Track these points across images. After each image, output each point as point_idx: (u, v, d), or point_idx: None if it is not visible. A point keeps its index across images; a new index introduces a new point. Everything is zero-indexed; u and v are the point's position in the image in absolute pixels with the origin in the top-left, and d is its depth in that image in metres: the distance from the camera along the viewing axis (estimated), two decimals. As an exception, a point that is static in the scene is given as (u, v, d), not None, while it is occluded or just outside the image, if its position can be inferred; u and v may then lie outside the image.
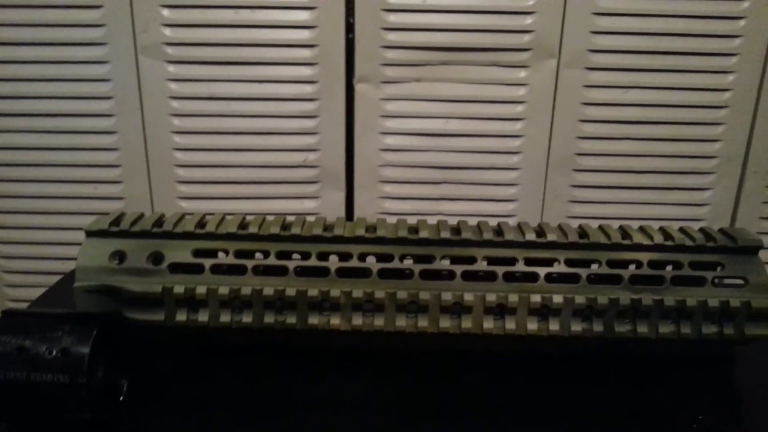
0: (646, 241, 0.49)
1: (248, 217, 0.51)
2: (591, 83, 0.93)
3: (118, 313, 0.46)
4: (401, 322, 0.49)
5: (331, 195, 0.98)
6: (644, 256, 0.49)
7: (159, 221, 0.49)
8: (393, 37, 0.91)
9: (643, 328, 0.48)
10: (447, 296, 0.48)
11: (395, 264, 0.49)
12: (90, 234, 0.48)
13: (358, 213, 0.99)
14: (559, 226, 0.51)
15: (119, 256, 0.48)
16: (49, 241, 0.99)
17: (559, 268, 0.49)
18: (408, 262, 0.49)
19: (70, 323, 0.41)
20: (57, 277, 0.68)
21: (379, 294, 0.48)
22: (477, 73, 0.93)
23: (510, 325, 0.48)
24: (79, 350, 0.40)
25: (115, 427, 0.43)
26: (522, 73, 0.93)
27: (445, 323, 0.49)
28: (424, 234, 0.49)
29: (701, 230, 0.50)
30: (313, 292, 0.48)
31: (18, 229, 0.99)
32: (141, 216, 0.50)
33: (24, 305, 0.77)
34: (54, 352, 0.40)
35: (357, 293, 0.48)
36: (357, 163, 0.97)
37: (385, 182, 0.98)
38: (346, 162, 0.97)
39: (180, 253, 0.48)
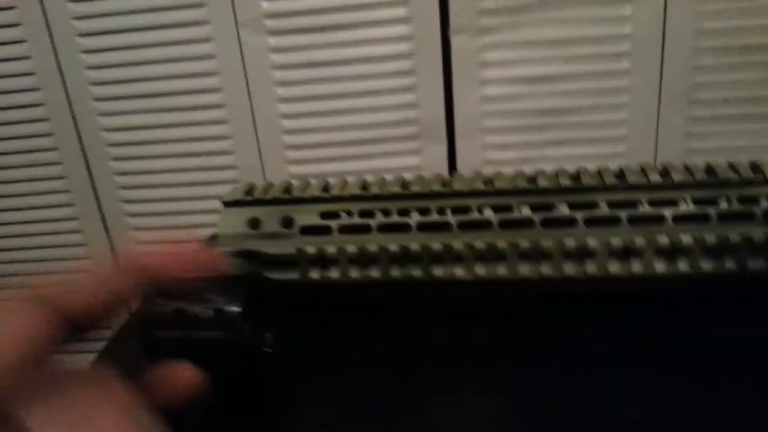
0: (778, 175, 0.47)
1: (369, 179, 0.53)
2: (703, 11, 0.87)
3: (259, 274, 0.50)
4: (524, 270, 0.49)
5: (433, 149, 0.99)
6: (776, 190, 0.47)
7: (287, 188, 0.52)
8: (487, -16, 0.90)
9: (778, 264, 0.47)
10: (570, 242, 0.48)
11: (515, 215, 0.49)
12: (227, 204, 0.52)
13: (460, 166, 0.99)
14: (685, 165, 0.49)
15: (255, 222, 0.51)
16: (175, 212, 1.06)
17: (687, 208, 0.48)
18: (528, 213, 0.50)
19: (220, 285, 0.45)
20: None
21: (501, 243, 0.49)
22: (577, 13, 0.90)
23: (637, 267, 0.48)
24: (232, 309, 0.44)
25: (267, 377, 0.47)
26: (626, 9, 0.89)
27: (570, 269, 0.49)
28: (542, 183, 0.49)
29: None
30: (435, 245, 0.49)
31: (146, 202, 1.06)
32: (270, 185, 0.53)
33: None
34: (210, 312, 0.44)
35: (479, 244, 0.49)
36: (457, 116, 0.97)
37: (487, 133, 0.97)
38: (447, 116, 0.97)
39: (309, 216, 0.51)
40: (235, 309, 0.43)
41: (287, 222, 0.51)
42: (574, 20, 0.90)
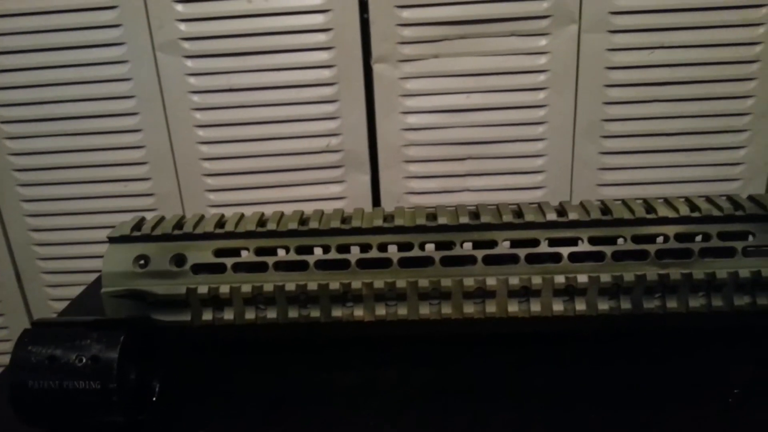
0: (671, 214, 0.47)
1: (267, 214, 0.51)
2: (614, 46, 0.90)
3: (146, 316, 0.47)
4: (424, 310, 0.49)
5: (357, 178, 0.98)
6: (671, 230, 0.47)
7: (179, 223, 0.50)
8: (408, 14, 0.90)
9: (672, 303, 0.47)
10: (469, 281, 0.47)
11: (416, 252, 0.49)
12: (113, 240, 0.49)
13: (384, 195, 0.98)
14: (581, 204, 0.50)
15: (143, 260, 0.48)
16: (85, 241, 1.01)
17: (583, 246, 0.48)
18: (429, 249, 0.49)
19: (98, 330, 0.42)
20: (94, 275, 0.69)
21: (401, 283, 0.48)
22: (496, 44, 0.91)
23: (535, 307, 0.48)
24: (108, 356, 0.41)
25: (150, 428, 0.44)
26: (542, 41, 0.90)
27: (469, 309, 0.48)
28: (442, 220, 0.49)
29: (728, 199, 0.49)
30: (334, 285, 0.48)
31: (53, 230, 1.01)
32: (162, 219, 0.50)
33: (64, 304, 0.79)
34: (84, 360, 0.41)
35: (378, 284, 0.48)
36: (380, 145, 0.96)
37: (409, 162, 0.97)
38: (369, 144, 0.96)
39: (202, 253, 0.49)
40: (112, 356, 0.41)
41: (179, 259, 0.48)
42: (493, 51, 0.91)
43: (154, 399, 0.45)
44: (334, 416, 0.45)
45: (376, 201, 0.99)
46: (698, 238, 0.48)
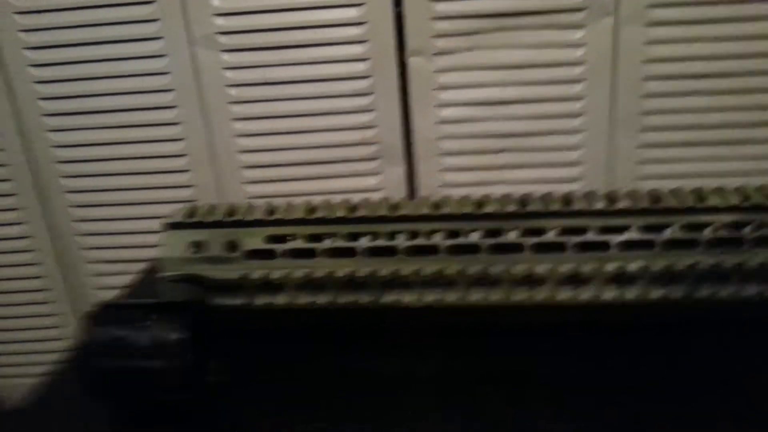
0: (722, 203, 0.47)
1: (315, 201, 0.52)
2: (652, 40, 0.89)
3: (202, 300, 0.49)
4: (473, 297, 0.49)
5: (392, 171, 0.98)
6: (722, 219, 0.47)
7: (232, 211, 0.51)
8: (442, 7, 0.90)
9: (724, 293, 0.47)
10: (518, 269, 0.48)
11: (463, 240, 0.49)
12: (169, 226, 0.50)
13: (419, 187, 0.99)
14: (630, 192, 0.50)
15: (198, 245, 0.49)
16: (127, 231, 1.03)
17: (633, 234, 0.48)
18: (476, 238, 0.49)
19: (161, 311, 0.43)
20: (136, 265, 0.71)
21: (449, 270, 0.48)
22: (531, 37, 0.91)
23: (584, 295, 0.48)
24: (170, 337, 0.42)
25: (206, 406, 0.45)
26: (578, 34, 0.90)
27: (518, 296, 0.49)
28: (490, 208, 0.49)
29: (781, 188, 0.48)
30: (383, 271, 0.48)
31: (97, 221, 1.03)
32: (214, 207, 0.51)
33: (107, 293, 0.81)
34: (149, 340, 0.42)
35: (427, 270, 0.48)
36: (415, 138, 0.97)
37: (445, 155, 0.97)
38: (404, 137, 0.97)
39: (254, 240, 0.50)
40: (176, 336, 0.42)
41: (232, 246, 0.49)
42: (528, 44, 0.91)
43: (209, 378, 0.46)
44: (379, 404, 0.46)
45: (411, 193, 0.99)
46: (749, 227, 0.47)
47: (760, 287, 0.47)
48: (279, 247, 0.49)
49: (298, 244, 0.50)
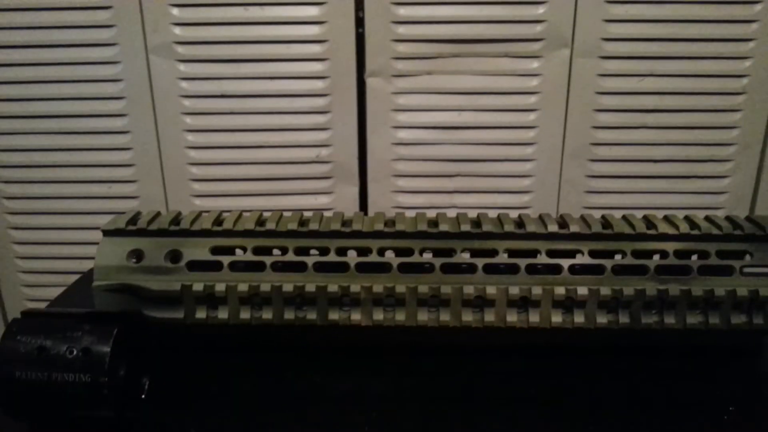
0: (671, 231, 0.48)
1: (265, 214, 0.50)
2: (605, 72, 0.91)
3: (138, 311, 0.46)
4: (423, 316, 0.48)
5: (345, 190, 0.98)
6: (670, 246, 0.48)
7: (176, 219, 0.49)
8: (403, 30, 0.91)
9: (670, 319, 0.47)
10: (469, 289, 0.47)
11: (415, 258, 0.48)
12: (107, 233, 0.48)
13: (371, 208, 0.98)
14: (582, 217, 0.50)
15: (137, 254, 0.47)
16: (66, 241, 0.99)
17: (583, 259, 0.48)
18: (428, 256, 0.49)
19: (90, 322, 0.40)
20: (74, 277, 0.68)
21: (400, 288, 0.47)
22: (489, 64, 0.92)
23: (534, 318, 0.48)
24: (100, 349, 0.39)
25: (138, 425, 0.43)
26: (535, 64, 0.92)
27: (468, 317, 0.48)
28: (444, 227, 0.49)
29: (727, 218, 0.49)
30: (332, 287, 0.47)
31: (35, 229, 0.99)
32: (158, 214, 0.49)
33: (42, 305, 0.77)
34: (75, 352, 0.39)
35: (377, 288, 0.47)
36: (370, 158, 0.96)
37: (398, 176, 0.97)
38: (359, 157, 0.96)
39: (198, 250, 0.48)
40: (104, 349, 0.39)
41: (174, 256, 0.47)
42: (486, 71, 0.92)
43: (143, 396, 0.44)
44: (325, 423, 0.44)
45: (364, 214, 0.98)
46: (697, 255, 0.48)
47: (705, 315, 0.47)
48: (225, 259, 0.47)
49: (245, 256, 0.48)
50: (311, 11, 0.90)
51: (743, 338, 0.49)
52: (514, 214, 0.51)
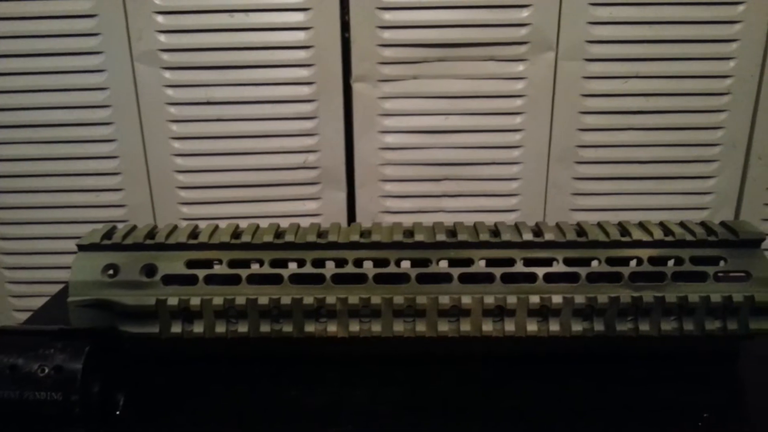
0: (645, 238, 0.48)
1: (241, 226, 0.50)
2: (590, 74, 0.91)
3: (112, 327, 0.46)
4: (399, 327, 0.48)
5: (333, 195, 0.98)
6: (644, 253, 0.48)
7: (151, 233, 0.49)
8: (389, 35, 0.91)
9: (644, 326, 0.47)
10: (444, 299, 0.47)
11: (391, 269, 0.48)
12: (82, 248, 0.48)
13: (359, 212, 0.98)
14: (557, 225, 0.50)
15: (112, 269, 0.47)
16: (52, 251, 0.99)
17: (558, 267, 0.48)
18: (404, 266, 0.49)
19: (62, 340, 0.41)
20: (60, 286, 0.68)
21: (376, 299, 0.47)
22: (475, 68, 0.92)
23: (509, 327, 0.48)
24: (72, 367, 0.39)
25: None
26: (520, 67, 0.92)
27: (444, 327, 0.48)
28: (419, 237, 0.49)
29: (702, 224, 0.49)
30: (308, 299, 0.47)
31: (21, 239, 0.99)
32: (133, 228, 0.49)
33: (28, 315, 0.77)
34: (46, 370, 0.39)
35: (353, 299, 0.47)
36: (357, 163, 0.96)
37: (385, 181, 0.97)
38: (346, 162, 0.96)
39: (173, 264, 0.48)
40: (76, 366, 0.39)
41: (149, 270, 0.47)
42: (472, 75, 0.92)
43: (117, 413, 0.44)
44: (302, 434, 0.44)
45: (352, 218, 0.98)
46: (671, 262, 0.48)
47: (680, 321, 0.47)
48: (200, 272, 0.47)
49: (221, 269, 0.48)
50: (297, 17, 0.90)
51: (718, 344, 0.50)
52: (493, 221, 0.51)
